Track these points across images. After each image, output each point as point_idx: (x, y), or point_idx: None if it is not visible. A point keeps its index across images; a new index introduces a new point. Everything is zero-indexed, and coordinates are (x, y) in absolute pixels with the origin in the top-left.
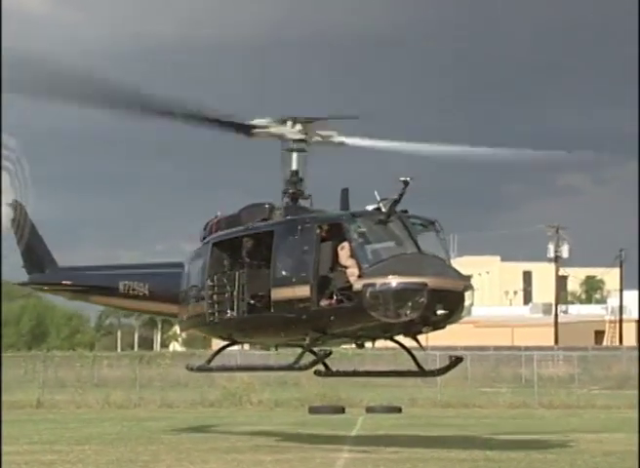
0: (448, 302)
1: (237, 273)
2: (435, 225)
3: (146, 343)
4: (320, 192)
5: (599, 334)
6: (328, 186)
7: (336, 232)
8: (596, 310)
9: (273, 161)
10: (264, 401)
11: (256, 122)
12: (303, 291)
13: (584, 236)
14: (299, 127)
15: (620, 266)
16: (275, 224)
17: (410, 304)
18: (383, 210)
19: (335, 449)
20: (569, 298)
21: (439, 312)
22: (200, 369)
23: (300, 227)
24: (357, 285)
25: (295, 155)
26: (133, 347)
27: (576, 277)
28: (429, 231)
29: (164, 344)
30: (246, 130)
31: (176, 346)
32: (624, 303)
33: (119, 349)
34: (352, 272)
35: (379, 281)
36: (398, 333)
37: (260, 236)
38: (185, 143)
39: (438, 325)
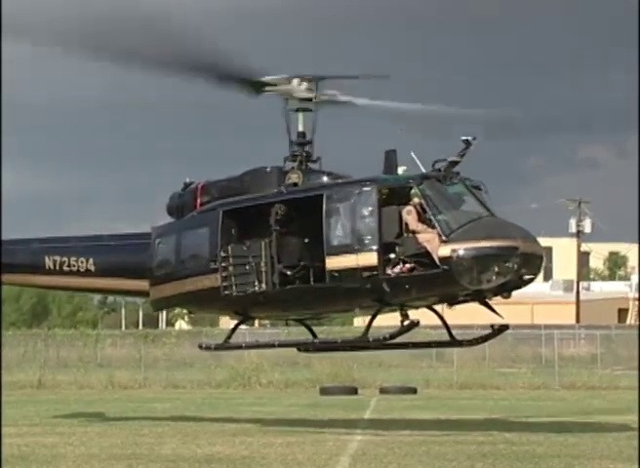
0: (533, 266)
1: (263, 242)
2: (483, 188)
3: (151, 321)
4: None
5: (623, 312)
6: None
7: (400, 195)
8: (619, 287)
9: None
10: (274, 382)
11: (267, 78)
12: (369, 258)
13: (607, 210)
14: (308, 85)
15: None
16: (324, 188)
17: (502, 269)
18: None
19: (347, 432)
20: (591, 275)
21: (525, 277)
22: (221, 347)
23: (357, 191)
24: (443, 250)
25: (301, 115)
26: (137, 325)
27: (598, 253)
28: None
29: (170, 322)
30: (257, 86)
31: (182, 324)
32: None
33: (123, 327)
34: (426, 237)
35: (470, 245)
36: (471, 299)
37: (300, 202)
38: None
39: (514, 290)
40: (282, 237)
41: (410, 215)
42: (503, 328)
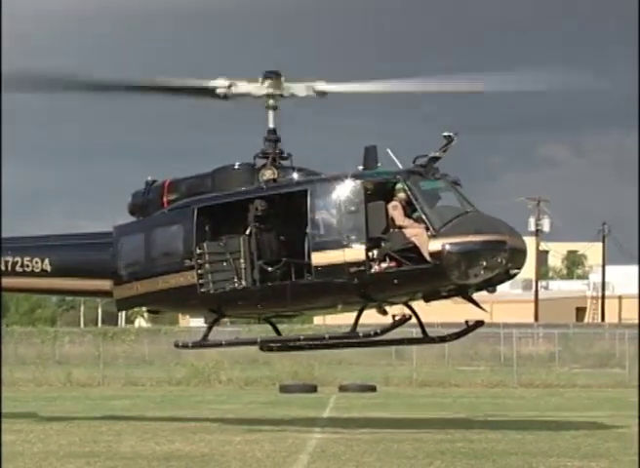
0: (519, 260)
1: (241, 239)
2: (460, 183)
3: (111, 319)
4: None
5: (580, 311)
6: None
7: (385, 190)
8: (578, 286)
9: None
10: (234, 379)
11: (228, 83)
12: (356, 254)
13: (566, 210)
14: (274, 82)
15: (603, 241)
16: (308, 183)
17: (491, 263)
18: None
19: (306, 430)
20: (550, 274)
21: (512, 271)
22: (198, 345)
23: (342, 186)
24: (434, 245)
25: (271, 113)
26: (96, 323)
27: (557, 252)
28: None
29: (129, 320)
30: (213, 93)
31: (141, 322)
32: (607, 279)
33: (82, 325)
34: (414, 232)
35: (460, 240)
36: (455, 294)
37: (282, 197)
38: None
39: (500, 284)
40: (263, 233)
41: (396, 211)
42: (479, 323)
